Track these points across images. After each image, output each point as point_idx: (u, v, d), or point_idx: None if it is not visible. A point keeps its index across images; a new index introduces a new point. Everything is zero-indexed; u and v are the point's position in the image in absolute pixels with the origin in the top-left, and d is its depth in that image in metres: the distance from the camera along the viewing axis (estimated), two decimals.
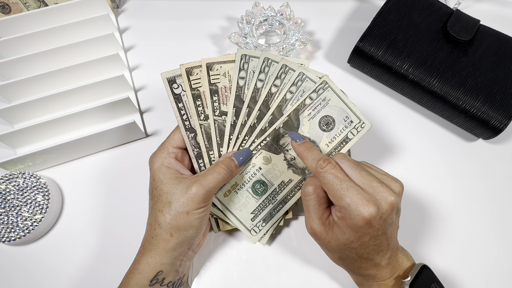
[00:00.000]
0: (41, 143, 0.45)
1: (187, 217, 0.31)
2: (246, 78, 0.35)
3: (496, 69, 0.46)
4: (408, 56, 0.47)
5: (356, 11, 0.58)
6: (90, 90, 0.46)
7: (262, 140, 0.35)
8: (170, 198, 0.31)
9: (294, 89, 0.35)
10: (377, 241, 0.30)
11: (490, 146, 0.48)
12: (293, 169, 0.35)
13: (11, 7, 0.51)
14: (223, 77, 0.35)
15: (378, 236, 0.29)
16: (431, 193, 0.45)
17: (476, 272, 0.41)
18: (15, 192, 0.41)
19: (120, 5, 0.58)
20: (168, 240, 0.31)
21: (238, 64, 0.35)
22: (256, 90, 0.35)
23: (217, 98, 0.35)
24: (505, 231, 0.43)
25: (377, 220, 0.28)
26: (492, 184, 0.46)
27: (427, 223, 0.43)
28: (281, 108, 0.35)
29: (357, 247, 0.30)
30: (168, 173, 0.33)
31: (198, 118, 0.35)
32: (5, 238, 0.39)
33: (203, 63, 0.35)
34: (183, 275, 0.35)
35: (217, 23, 0.56)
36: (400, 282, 0.32)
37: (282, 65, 0.35)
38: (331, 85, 0.34)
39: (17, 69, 0.48)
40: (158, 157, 0.34)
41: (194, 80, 0.35)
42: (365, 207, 0.28)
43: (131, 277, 0.31)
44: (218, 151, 0.35)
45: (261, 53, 0.35)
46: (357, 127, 0.34)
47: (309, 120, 0.34)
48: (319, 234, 0.31)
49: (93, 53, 0.49)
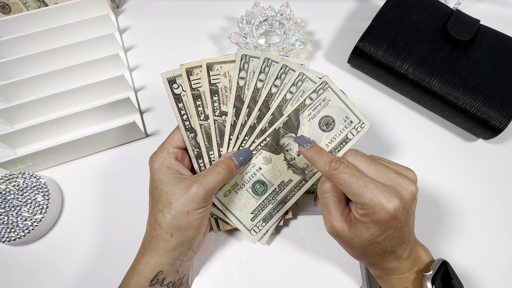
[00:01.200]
0: (41, 143, 0.45)
1: (187, 217, 0.31)
2: (246, 78, 0.35)
3: (496, 69, 0.46)
4: (408, 56, 0.47)
5: (356, 11, 0.58)
6: (90, 90, 0.46)
7: (262, 140, 0.35)
8: (170, 198, 0.31)
9: (294, 89, 0.35)
10: (401, 233, 0.29)
11: (490, 146, 0.48)
12: (293, 169, 0.35)
13: (11, 7, 0.51)
14: (223, 77, 0.35)
15: (402, 227, 0.29)
16: (431, 193, 0.45)
17: (480, 272, 0.41)
18: (15, 192, 0.41)
19: (120, 5, 0.58)
20: (168, 240, 0.31)
21: (239, 64, 0.35)
22: (256, 90, 0.35)
23: (217, 98, 0.35)
24: (505, 231, 0.43)
25: (401, 212, 0.28)
26: (492, 184, 0.46)
27: (426, 223, 0.43)
28: (281, 108, 0.35)
29: (382, 241, 0.29)
30: (168, 173, 0.33)
31: (198, 118, 0.35)
32: (5, 238, 0.39)
33: (203, 63, 0.35)
34: (183, 275, 0.35)
35: (217, 23, 0.56)
36: (420, 276, 0.31)
37: (282, 65, 0.35)
38: (331, 85, 0.34)
39: (17, 69, 0.48)
40: (158, 157, 0.34)
41: (194, 80, 0.35)
42: (388, 200, 0.27)
43: (131, 277, 0.31)
44: (218, 151, 0.35)
45: (261, 53, 0.35)
46: (357, 127, 0.34)
47: (309, 120, 0.34)
48: (341, 232, 0.30)
49: (93, 53, 0.49)
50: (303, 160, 0.34)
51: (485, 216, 0.44)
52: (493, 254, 0.42)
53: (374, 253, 0.30)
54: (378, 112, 0.50)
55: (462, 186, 0.45)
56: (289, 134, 0.35)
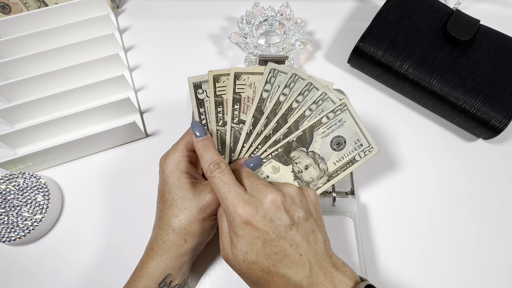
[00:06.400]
0: (41, 143, 0.45)
1: (202, 223, 0.31)
2: (271, 91, 0.36)
3: (496, 69, 0.46)
4: (408, 56, 0.47)
5: (356, 11, 0.58)
6: (90, 90, 0.46)
7: (274, 150, 0.35)
8: (185, 204, 0.31)
9: (314, 107, 0.36)
10: (277, 248, 0.27)
11: (490, 146, 0.48)
12: (299, 181, 0.35)
13: (11, 7, 0.51)
14: (248, 87, 0.36)
15: (272, 240, 0.27)
16: (431, 193, 0.45)
17: (478, 273, 0.41)
18: (15, 192, 0.41)
19: (120, 5, 0.58)
20: (182, 245, 0.31)
21: (266, 77, 0.36)
22: (278, 103, 0.36)
23: (238, 107, 0.36)
24: (505, 231, 0.43)
25: (258, 219, 0.27)
26: (492, 184, 0.46)
27: (426, 222, 0.43)
28: (298, 123, 0.36)
29: (256, 259, 0.27)
30: (183, 177, 0.32)
31: (216, 123, 0.35)
32: (5, 238, 0.39)
33: (232, 71, 0.36)
34: (187, 276, 0.35)
35: (217, 23, 0.56)
36: None
37: (308, 83, 0.36)
38: (349, 108, 0.35)
39: (17, 69, 0.48)
40: (171, 159, 0.33)
41: (219, 87, 0.36)
42: (241, 206, 0.27)
43: (138, 280, 0.31)
44: (229, 156, 0.36)
45: (289, 69, 0.36)
46: (365, 150, 0.35)
47: (322, 138, 0.35)
48: (229, 256, 0.29)
49: (93, 53, 0.49)
50: (309, 174, 0.35)
51: (485, 216, 0.44)
52: (493, 253, 0.42)
53: (262, 278, 0.27)
54: (378, 112, 0.50)
55: (462, 186, 0.45)
56: (300, 148, 0.35)
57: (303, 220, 0.29)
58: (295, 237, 0.28)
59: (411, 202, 0.44)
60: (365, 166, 0.46)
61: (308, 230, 0.29)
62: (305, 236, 0.28)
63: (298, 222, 0.28)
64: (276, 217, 0.28)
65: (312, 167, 0.35)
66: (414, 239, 0.42)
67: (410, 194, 0.45)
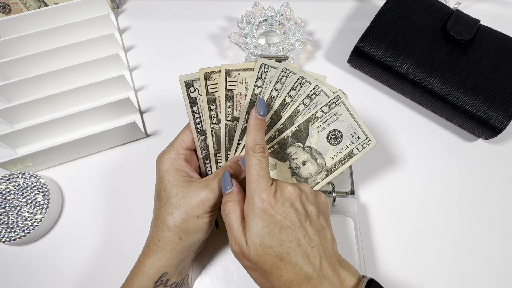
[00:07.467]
0: (41, 143, 0.45)
1: (197, 220, 0.31)
2: (263, 87, 0.36)
3: (496, 69, 0.46)
4: (408, 56, 0.47)
5: (356, 11, 0.58)
6: (90, 90, 0.46)
7: (270, 147, 0.35)
8: (180, 202, 0.31)
9: (308, 101, 0.35)
10: (292, 237, 0.28)
11: (490, 146, 0.48)
12: (297, 177, 0.35)
13: (11, 7, 0.51)
14: (240, 84, 0.36)
15: (289, 227, 0.28)
16: (431, 193, 0.45)
17: (478, 272, 0.41)
18: (15, 192, 0.41)
19: (120, 5, 0.58)
20: (177, 243, 0.31)
21: (257, 73, 0.36)
22: (271, 99, 0.36)
23: (231, 104, 0.36)
24: (505, 231, 0.43)
25: (278, 206, 0.28)
26: (492, 184, 0.46)
27: (426, 222, 0.43)
28: (293, 118, 0.35)
29: (272, 243, 0.27)
30: (178, 175, 0.33)
31: (210, 121, 0.35)
32: (5, 238, 0.39)
33: (222, 68, 0.35)
34: (185, 275, 0.35)
35: (217, 23, 0.56)
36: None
37: (299, 77, 0.35)
38: (344, 100, 0.35)
39: (17, 69, 0.48)
40: (167, 158, 0.33)
41: (211, 85, 0.35)
42: (266, 192, 0.29)
43: (135, 278, 0.31)
44: (225, 154, 0.36)
45: (280, 64, 0.36)
46: (363, 143, 0.35)
47: (318, 132, 0.35)
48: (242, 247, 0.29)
49: (93, 53, 0.49)
50: (307, 170, 0.35)
51: (485, 216, 0.44)
52: (493, 253, 0.42)
53: (275, 266, 0.28)
54: (378, 112, 0.50)
55: (462, 186, 0.45)
56: (297, 144, 0.35)
57: (316, 216, 0.30)
58: (308, 229, 0.29)
59: (411, 202, 0.44)
60: (365, 166, 0.46)
61: (319, 227, 0.30)
62: (317, 231, 0.29)
63: (311, 217, 0.30)
64: (293, 207, 0.29)
65: (310, 163, 0.35)
66: (414, 239, 0.42)
67: (410, 194, 0.45)
